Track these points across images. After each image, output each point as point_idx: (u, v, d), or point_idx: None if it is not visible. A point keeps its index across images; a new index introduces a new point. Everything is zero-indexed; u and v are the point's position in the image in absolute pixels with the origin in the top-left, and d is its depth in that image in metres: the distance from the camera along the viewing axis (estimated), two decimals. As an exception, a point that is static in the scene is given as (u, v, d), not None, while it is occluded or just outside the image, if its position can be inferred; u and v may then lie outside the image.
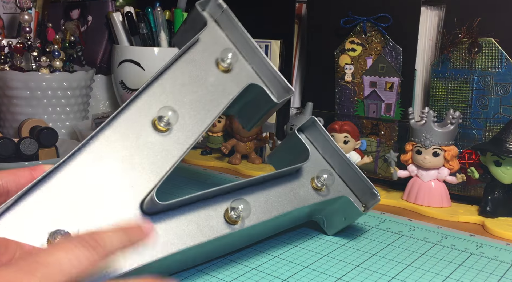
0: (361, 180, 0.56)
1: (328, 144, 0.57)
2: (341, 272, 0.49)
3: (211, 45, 0.53)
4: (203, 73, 0.52)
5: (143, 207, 0.42)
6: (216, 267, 0.49)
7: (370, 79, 0.79)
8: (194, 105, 0.49)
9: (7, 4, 1.06)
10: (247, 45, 0.55)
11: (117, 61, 0.93)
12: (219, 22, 0.55)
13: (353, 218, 0.57)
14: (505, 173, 0.63)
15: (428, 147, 0.68)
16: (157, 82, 0.49)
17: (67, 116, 0.91)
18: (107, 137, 0.44)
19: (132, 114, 0.46)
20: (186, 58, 0.51)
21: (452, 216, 0.65)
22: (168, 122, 0.46)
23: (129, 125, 0.45)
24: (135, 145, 0.45)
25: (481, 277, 0.49)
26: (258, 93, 0.54)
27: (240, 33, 0.55)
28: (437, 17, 0.75)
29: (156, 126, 0.46)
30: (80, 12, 1.07)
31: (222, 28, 0.55)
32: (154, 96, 0.48)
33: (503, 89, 0.67)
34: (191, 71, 0.51)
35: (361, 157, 0.75)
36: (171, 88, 0.49)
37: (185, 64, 0.51)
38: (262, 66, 0.55)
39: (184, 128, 0.48)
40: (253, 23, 0.94)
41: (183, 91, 0.49)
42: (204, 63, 0.52)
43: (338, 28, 0.81)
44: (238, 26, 0.55)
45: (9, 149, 0.69)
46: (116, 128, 0.45)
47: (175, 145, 0.47)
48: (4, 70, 0.86)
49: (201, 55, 0.52)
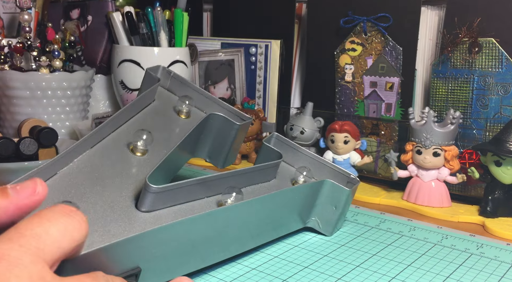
0: (338, 172, 0.60)
1: (296, 151, 0.62)
2: (341, 272, 0.49)
3: (166, 97, 0.62)
4: (168, 120, 0.59)
5: (138, 205, 0.45)
6: (216, 267, 0.49)
7: (370, 79, 0.79)
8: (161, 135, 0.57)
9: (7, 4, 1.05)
10: (199, 96, 0.62)
11: (117, 61, 0.93)
12: (170, 87, 0.64)
13: (341, 202, 0.56)
14: (506, 173, 0.63)
15: (428, 147, 0.67)
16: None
17: (67, 116, 0.91)
18: (93, 154, 0.51)
19: (102, 149, 0.51)
20: (146, 111, 0.59)
21: (452, 216, 0.65)
22: (144, 148, 0.53)
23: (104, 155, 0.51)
24: (118, 163, 0.51)
25: (482, 277, 0.49)
26: (219, 123, 0.58)
27: (191, 89, 0.63)
28: (437, 17, 0.75)
29: (135, 153, 0.53)
30: (80, 12, 1.07)
31: (174, 92, 0.64)
32: (123, 132, 0.54)
33: (504, 89, 0.67)
34: (154, 119, 0.58)
35: (361, 157, 0.75)
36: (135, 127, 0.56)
37: (147, 114, 0.58)
38: (215, 106, 0.62)
39: (158, 145, 0.54)
40: (253, 23, 0.95)
41: (153, 125, 0.57)
42: (166, 113, 0.61)
43: (338, 28, 0.81)
44: (190, 84, 0.63)
45: (9, 149, 0.69)
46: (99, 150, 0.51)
47: (153, 161, 0.53)
48: (4, 70, 0.86)
49: (162, 108, 0.60)
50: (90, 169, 0.48)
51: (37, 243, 0.25)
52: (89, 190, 0.46)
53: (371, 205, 0.70)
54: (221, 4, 0.99)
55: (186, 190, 0.48)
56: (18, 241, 0.25)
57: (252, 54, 0.92)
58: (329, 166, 0.61)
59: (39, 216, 0.27)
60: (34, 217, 0.27)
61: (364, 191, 0.75)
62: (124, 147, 0.53)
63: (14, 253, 0.24)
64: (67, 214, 0.28)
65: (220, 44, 0.97)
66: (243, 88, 0.95)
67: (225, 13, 0.99)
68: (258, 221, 0.52)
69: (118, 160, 0.51)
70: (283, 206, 0.53)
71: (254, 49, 0.92)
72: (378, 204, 0.71)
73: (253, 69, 0.93)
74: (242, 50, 0.94)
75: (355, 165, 0.75)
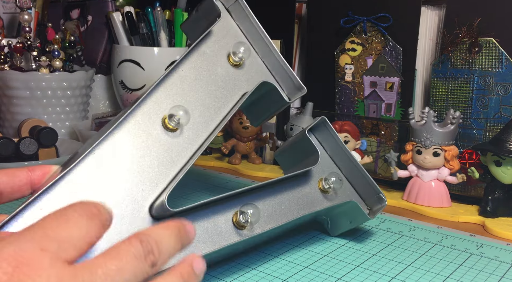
0: (368, 184, 0.56)
1: (338, 146, 0.56)
2: (341, 272, 0.49)
3: (223, 37, 0.52)
4: (215, 67, 0.50)
5: (152, 211, 0.41)
6: (216, 267, 0.49)
7: (370, 79, 0.79)
8: (205, 102, 0.48)
9: (7, 4, 1.05)
10: (261, 39, 0.53)
11: (117, 61, 0.93)
12: (232, 13, 0.53)
13: (358, 222, 0.56)
14: (506, 173, 0.63)
15: (428, 147, 0.67)
16: (169, 78, 0.47)
17: (67, 116, 0.91)
18: (117, 138, 0.42)
19: (143, 112, 0.44)
20: (198, 52, 0.50)
21: (452, 216, 0.65)
22: (178, 122, 0.45)
23: (139, 125, 0.44)
24: (145, 146, 0.43)
25: (482, 277, 0.49)
26: (269, 91, 0.52)
27: (254, 26, 0.53)
28: (437, 17, 0.75)
29: (166, 125, 0.45)
30: (80, 12, 1.07)
31: (235, 20, 0.53)
32: (165, 92, 0.46)
33: (504, 89, 0.67)
34: (202, 65, 0.49)
35: (361, 157, 0.75)
36: (182, 85, 0.47)
37: (197, 58, 0.49)
38: (275, 62, 0.53)
39: (194, 128, 0.46)
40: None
41: (194, 87, 0.48)
42: (216, 57, 0.50)
43: (338, 28, 0.81)
44: (252, 18, 0.53)
45: (9, 149, 0.69)
46: (126, 129, 0.43)
47: (185, 146, 0.45)
48: (4, 70, 0.86)
49: (213, 49, 0.50)
50: (117, 155, 0.42)
51: (58, 248, 0.26)
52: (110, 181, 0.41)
53: (371, 205, 0.70)
54: (221, 4, 0.99)
55: (203, 211, 0.44)
56: (40, 243, 0.26)
57: (252, 54, 0.92)
58: (362, 174, 0.56)
59: (66, 218, 0.27)
60: (61, 218, 0.27)
61: (364, 191, 0.75)
62: (157, 122, 0.45)
63: (35, 258, 0.25)
64: (91, 218, 0.28)
65: (220, 44, 0.97)
66: (243, 88, 0.95)
67: (225, 13, 0.99)
68: (271, 235, 0.52)
69: (148, 140, 0.44)
70: (300, 220, 0.53)
71: (254, 49, 0.92)
72: (378, 204, 0.71)
73: (253, 69, 0.93)
74: (242, 50, 0.94)
75: (355, 165, 0.75)
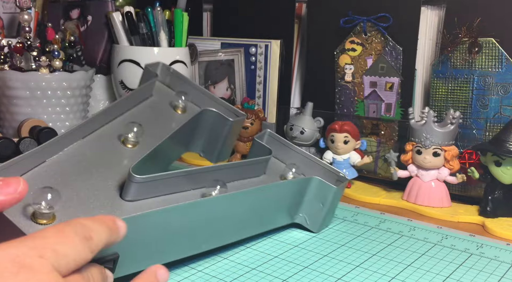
0: (327, 170, 0.60)
1: (287, 148, 0.62)
2: (341, 272, 0.49)
3: (164, 97, 0.63)
4: (163, 115, 0.60)
5: (123, 194, 0.46)
6: (216, 267, 0.49)
7: (370, 79, 0.79)
8: (154, 130, 0.57)
9: (7, 4, 1.05)
10: (195, 91, 0.63)
11: (117, 61, 0.93)
12: (170, 84, 0.64)
13: (328, 198, 0.57)
14: (505, 173, 0.63)
15: (428, 147, 0.67)
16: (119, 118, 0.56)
17: (67, 116, 0.91)
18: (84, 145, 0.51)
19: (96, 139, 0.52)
20: (144, 105, 0.59)
21: (452, 216, 0.65)
22: (136, 140, 0.54)
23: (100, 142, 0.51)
24: (107, 155, 0.51)
25: (482, 277, 0.49)
26: (213, 118, 0.59)
27: (189, 85, 0.63)
28: (437, 17, 0.75)
29: (126, 145, 0.53)
30: (80, 12, 1.07)
31: (172, 88, 0.64)
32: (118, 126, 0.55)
33: (503, 89, 0.67)
34: (149, 113, 0.59)
35: (361, 157, 0.75)
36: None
37: (145, 109, 0.59)
38: (211, 101, 0.62)
39: (147, 143, 0.54)
40: (253, 23, 0.95)
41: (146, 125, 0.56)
42: (162, 108, 0.61)
43: (338, 28, 0.81)
44: (186, 80, 0.64)
45: (9, 149, 0.69)
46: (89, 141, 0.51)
47: (142, 152, 0.52)
48: (3, 70, 0.86)
49: (158, 102, 0.61)
50: (79, 158, 0.49)
51: (56, 260, 0.28)
52: (75, 178, 0.46)
53: (371, 205, 0.70)
54: (221, 4, 0.99)
55: (171, 181, 0.48)
56: (40, 251, 0.28)
57: (252, 54, 0.92)
58: (319, 164, 0.61)
59: (63, 235, 0.29)
60: (59, 234, 0.29)
61: (364, 191, 0.75)
62: (116, 139, 0.53)
63: (35, 263, 0.27)
64: (86, 239, 0.30)
65: (220, 44, 0.97)
66: (243, 88, 0.95)
67: (225, 13, 0.99)
68: (242, 215, 0.52)
69: (108, 151, 0.51)
70: (269, 200, 0.54)
71: (254, 49, 0.92)
72: (378, 204, 0.71)
73: (253, 69, 0.93)
74: (242, 50, 0.94)
75: (355, 165, 0.75)
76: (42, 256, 0.27)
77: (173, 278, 0.46)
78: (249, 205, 0.52)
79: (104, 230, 0.32)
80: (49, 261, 0.28)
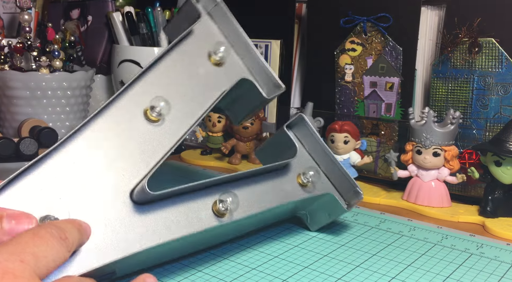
0: (345, 179, 0.58)
1: (316, 142, 0.58)
2: (341, 272, 0.49)
3: (203, 37, 0.53)
4: (195, 65, 0.51)
5: (133, 196, 0.42)
6: (216, 267, 0.49)
7: (370, 79, 0.79)
8: (186, 97, 0.49)
9: (7, 4, 1.06)
10: (240, 40, 0.54)
11: (117, 61, 0.93)
12: (213, 15, 0.55)
13: (336, 214, 0.58)
14: (505, 173, 0.63)
15: (428, 147, 0.67)
16: (150, 73, 0.48)
17: (67, 116, 0.91)
18: (99, 125, 0.44)
19: (125, 103, 0.46)
20: (179, 50, 0.51)
21: (452, 216, 0.65)
22: (160, 113, 0.46)
23: (121, 114, 0.45)
24: (127, 134, 0.45)
25: (482, 277, 0.49)
26: (248, 88, 0.54)
27: (233, 28, 0.54)
28: (437, 17, 0.75)
29: (148, 116, 0.46)
30: (80, 12, 1.07)
31: (215, 22, 0.55)
32: (147, 86, 0.47)
33: (504, 89, 0.67)
34: (183, 62, 0.50)
35: (361, 157, 0.75)
36: (163, 79, 0.49)
37: (178, 56, 0.50)
38: (253, 61, 0.54)
39: (175, 119, 0.48)
40: (253, 23, 0.94)
41: (175, 82, 0.49)
42: (196, 55, 0.52)
43: (338, 28, 0.81)
44: (232, 20, 0.54)
45: (9, 149, 0.69)
46: (108, 116, 0.44)
47: (166, 136, 0.46)
48: (4, 70, 0.86)
49: (194, 47, 0.52)
50: (101, 140, 0.44)
51: (35, 263, 0.30)
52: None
53: (371, 205, 0.70)
54: (221, 4, 0.99)
55: (184, 193, 0.46)
56: (20, 255, 0.29)
57: (252, 54, 0.92)
58: (340, 170, 0.58)
59: (39, 237, 0.31)
60: (35, 237, 0.31)
61: (364, 191, 0.74)
62: (139, 112, 0.47)
63: (17, 268, 0.28)
64: (62, 240, 0.32)
65: (220, 44, 0.97)
66: (243, 88, 0.95)
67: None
68: (251, 224, 0.53)
69: (130, 129, 0.45)
70: (279, 210, 0.54)
71: (254, 49, 0.92)
72: (378, 204, 0.71)
73: (253, 69, 0.93)
74: (242, 50, 0.94)
75: (355, 165, 0.75)
76: (22, 260, 0.29)
77: (173, 278, 0.46)
78: (259, 218, 0.51)
79: (76, 231, 0.35)
80: (30, 265, 0.29)
